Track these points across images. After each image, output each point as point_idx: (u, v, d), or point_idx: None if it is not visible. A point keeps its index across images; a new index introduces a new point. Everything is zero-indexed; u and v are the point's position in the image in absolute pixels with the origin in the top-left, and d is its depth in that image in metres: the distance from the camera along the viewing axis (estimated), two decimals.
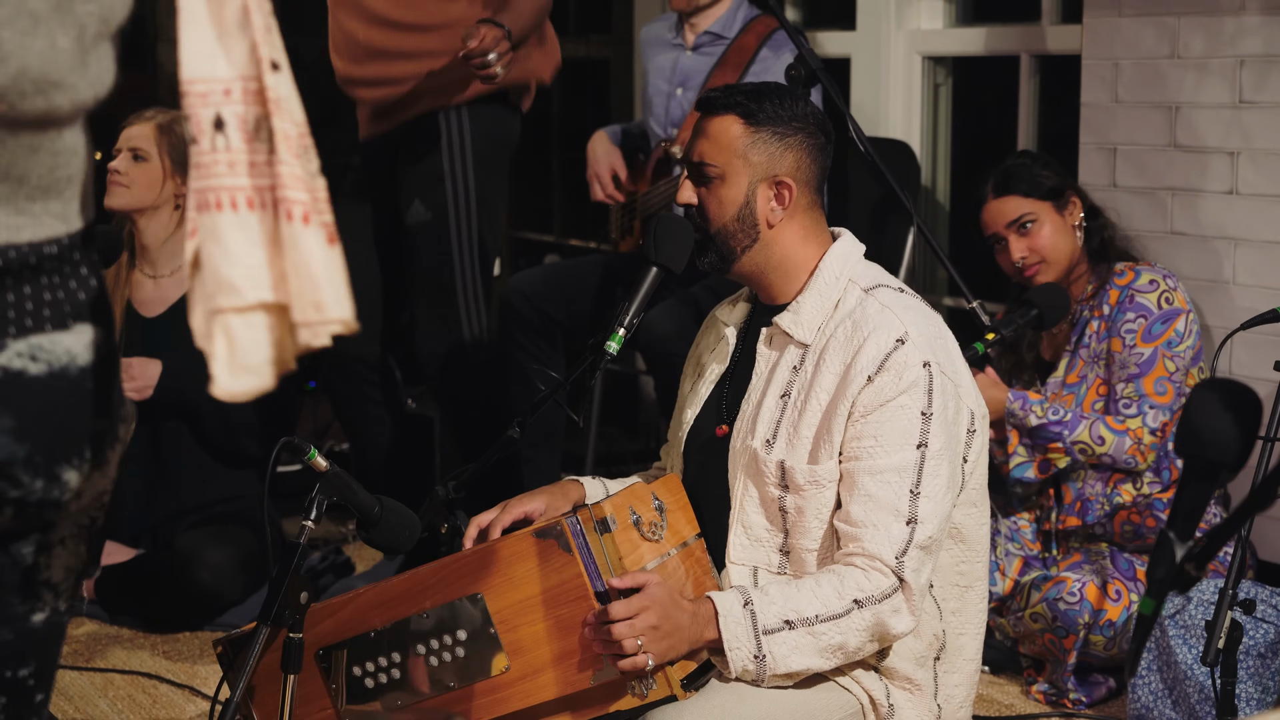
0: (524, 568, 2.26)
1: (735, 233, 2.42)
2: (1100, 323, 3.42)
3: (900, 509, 2.27)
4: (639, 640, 2.18)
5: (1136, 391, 3.34)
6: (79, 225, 1.41)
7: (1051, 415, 3.37)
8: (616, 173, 4.31)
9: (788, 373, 2.40)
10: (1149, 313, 3.36)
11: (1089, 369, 3.44)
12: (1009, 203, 3.46)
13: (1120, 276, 3.42)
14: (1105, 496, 3.41)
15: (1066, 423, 3.36)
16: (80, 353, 1.40)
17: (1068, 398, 3.45)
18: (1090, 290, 3.46)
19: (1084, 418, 3.37)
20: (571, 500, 2.57)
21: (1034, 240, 3.45)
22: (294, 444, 2.32)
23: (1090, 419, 3.36)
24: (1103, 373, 3.42)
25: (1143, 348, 3.34)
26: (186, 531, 3.89)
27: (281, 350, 1.37)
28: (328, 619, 2.41)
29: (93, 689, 3.47)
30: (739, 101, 2.41)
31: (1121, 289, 3.40)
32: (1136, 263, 3.45)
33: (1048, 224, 3.45)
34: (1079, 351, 3.46)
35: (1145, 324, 3.35)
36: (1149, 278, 3.39)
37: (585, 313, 4.25)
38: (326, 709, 2.43)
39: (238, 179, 1.35)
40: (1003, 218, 3.47)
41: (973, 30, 4.57)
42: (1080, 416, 3.37)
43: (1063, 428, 3.36)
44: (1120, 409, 3.36)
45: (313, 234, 1.35)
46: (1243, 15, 3.63)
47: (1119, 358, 3.37)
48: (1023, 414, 3.38)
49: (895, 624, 2.28)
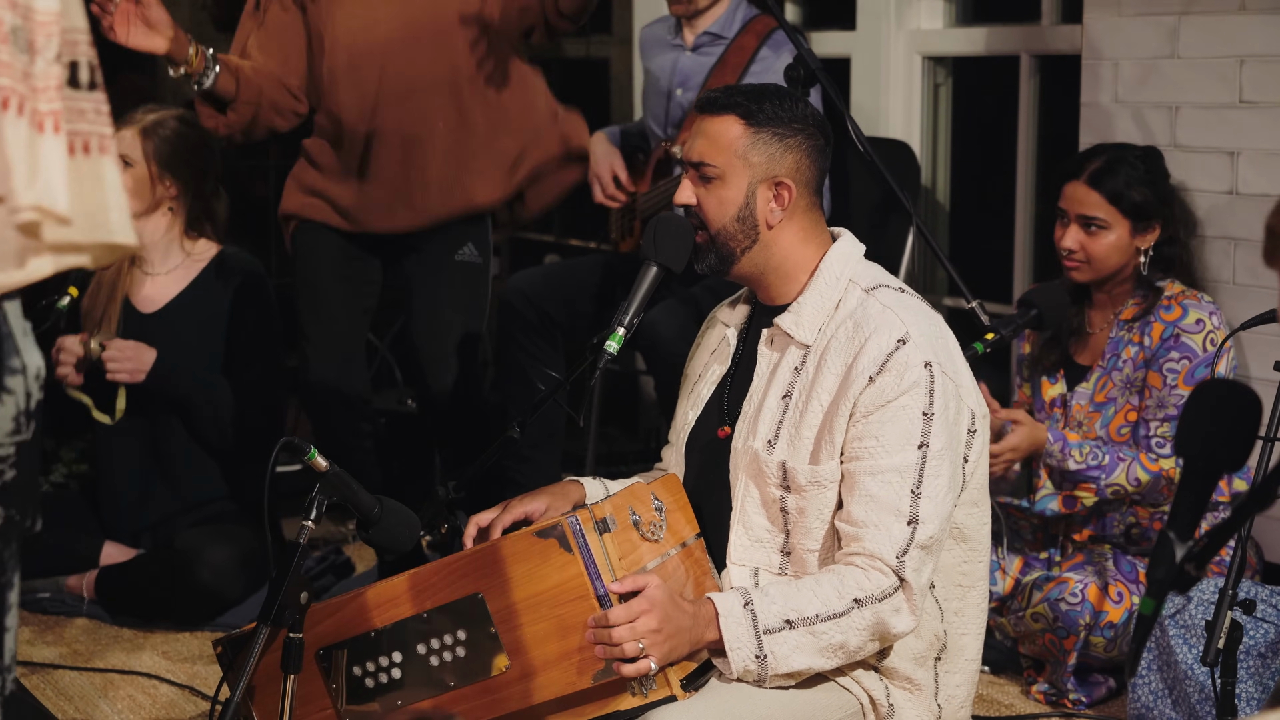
0: (524, 568, 2.26)
1: (735, 234, 2.42)
2: (1140, 351, 3.36)
3: (901, 509, 2.27)
4: (640, 643, 2.18)
5: (1172, 432, 3.30)
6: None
7: (1090, 461, 3.30)
8: (616, 173, 4.31)
9: (789, 373, 2.40)
10: (1194, 355, 3.29)
11: (1119, 393, 3.39)
12: (1091, 197, 3.36)
13: (1167, 311, 3.33)
14: (1121, 516, 3.41)
15: (1104, 467, 3.29)
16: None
17: (1093, 416, 3.41)
18: (1134, 310, 3.39)
19: (1121, 459, 3.29)
20: (572, 501, 2.57)
21: (1092, 243, 3.37)
22: (294, 444, 2.32)
23: (1127, 461, 3.29)
24: (1134, 400, 3.36)
25: (1184, 390, 3.28)
26: (187, 531, 3.89)
27: (19, 243, 1.39)
28: (328, 619, 2.42)
29: (93, 689, 3.47)
30: (739, 102, 2.41)
31: (1168, 324, 3.32)
32: (1184, 292, 3.36)
33: (1113, 237, 3.36)
34: (1111, 373, 3.40)
35: (1189, 366, 3.29)
36: (1196, 316, 3.31)
37: (585, 313, 4.25)
38: (326, 709, 2.43)
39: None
40: (1078, 205, 3.37)
41: (973, 30, 4.57)
42: (1118, 459, 3.29)
43: (1100, 472, 3.30)
44: (1154, 447, 3.31)
45: (11, 120, 1.36)
46: (1243, 15, 3.63)
47: (1157, 395, 3.31)
48: (1061, 457, 3.31)
49: (896, 623, 2.28)
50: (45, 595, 3.93)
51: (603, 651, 2.20)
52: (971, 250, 4.77)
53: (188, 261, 3.97)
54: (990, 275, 4.50)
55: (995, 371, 3.67)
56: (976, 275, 3.66)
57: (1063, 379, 3.50)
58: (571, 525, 2.23)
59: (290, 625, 2.29)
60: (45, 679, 3.51)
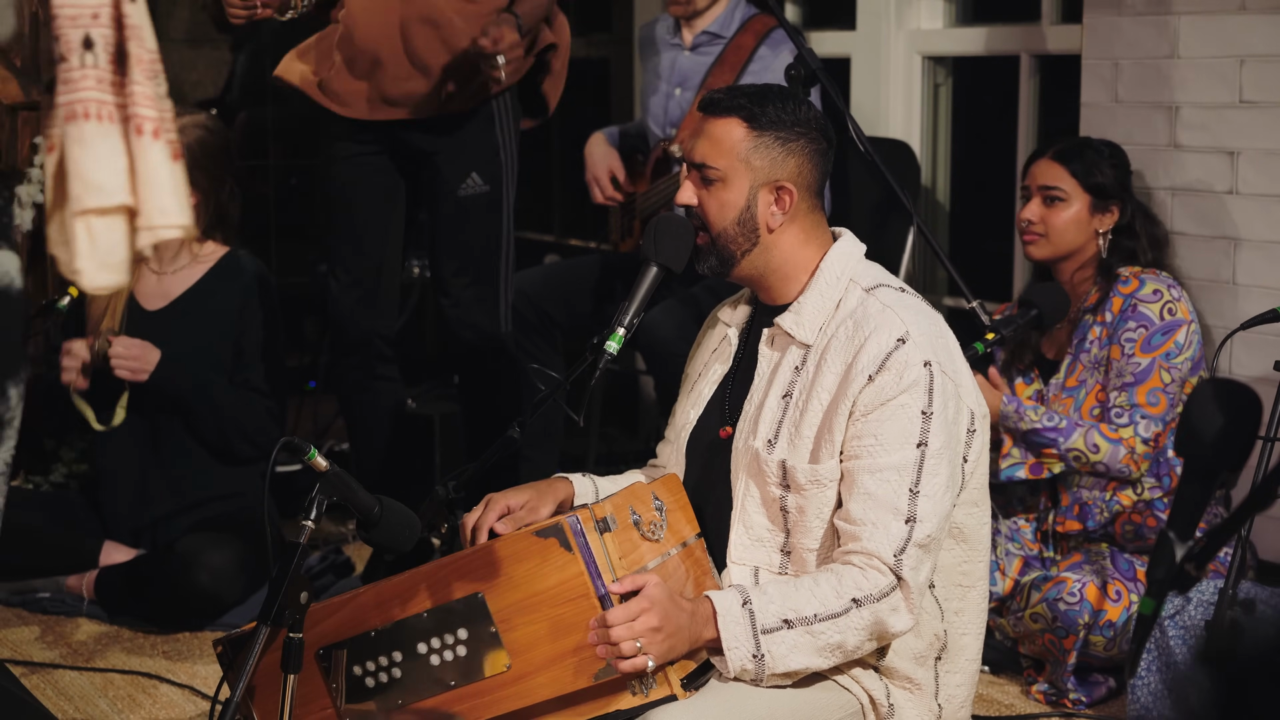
0: (525, 567, 2.26)
1: (735, 236, 2.42)
2: (1103, 329, 3.41)
3: (899, 507, 2.27)
4: (639, 642, 2.18)
5: (1129, 401, 3.33)
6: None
7: (1046, 421, 3.36)
8: (615, 174, 4.31)
9: (789, 373, 2.40)
10: (1150, 323, 3.34)
11: (1089, 374, 3.43)
12: (1053, 169, 3.46)
13: (1125, 284, 3.40)
14: (1104, 502, 3.41)
15: (1061, 429, 3.35)
16: (15, 275, 1.50)
17: (1066, 401, 3.44)
18: (1095, 298, 3.45)
19: (1079, 425, 3.35)
20: (557, 497, 2.57)
21: (1050, 215, 3.45)
22: (294, 444, 2.32)
23: (1085, 426, 3.35)
24: (1102, 379, 3.41)
25: (1140, 358, 3.34)
26: (187, 531, 3.89)
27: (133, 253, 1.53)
28: (328, 618, 2.41)
29: (93, 689, 3.47)
30: (742, 104, 2.40)
31: (1125, 297, 3.38)
32: (1142, 270, 3.44)
33: (1071, 211, 3.45)
34: (1080, 356, 3.45)
35: (1146, 334, 3.34)
36: (1153, 287, 3.37)
37: (585, 313, 4.25)
38: (327, 708, 2.43)
39: (104, 94, 1.50)
40: (1041, 177, 3.48)
41: (973, 30, 4.57)
42: (1075, 424, 3.36)
43: (1057, 434, 3.35)
44: (1113, 417, 3.35)
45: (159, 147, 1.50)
46: (1243, 15, 3.63)
47: (1116, 365, 3.37)
48: (1017, 417, 3.37)
49: (894, 622, 2.28)
50: (45, 595, 3.93)
51: (604, 651, 2.20)
52: (971, 250, 4.77)
53: (195, 261, 3.97)
54: (990, 275, 4.50)
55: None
56: (976, 275, 3.66)
57: (1037, 377, 3.53)
58: (572, 524, 2.23)
59: (290, 625, 2.29)
60: (45, 679, 3.51)
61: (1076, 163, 3.46)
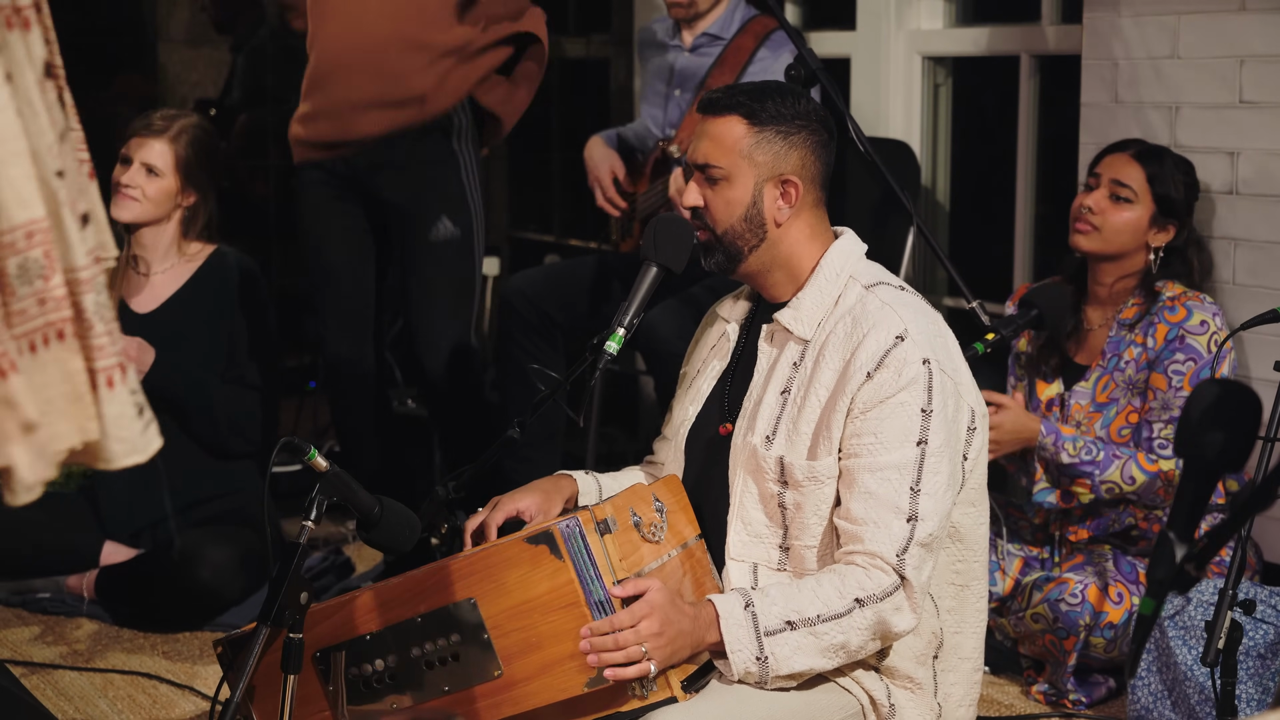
0: (516, 573, 2.26)
1: (743, 233, 2.41)
2: (1143, 352, 3.35)
3: (901, 506, 2.27)
4: (642, 647, 2.18)
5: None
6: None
7: (1084, 455, 3.30)
8: (616, 174, 4.31)
9: (788, 369, 2.40)
10: (1199, 357, 3.30)
11: (1121, 394, 3.38)
12: (1131, 167, 3.41)
13: (1172, 312, 3.34)
14: (1118, 515, 3.41)
15: (1098, 463, 3.29)
16: None
17: (1094, 415, 3.41)
18: (1134, 311, 3.40)
19: (1116, 457, 3.29)
20: (564, 495, 2.57)
21: (1111, 211, 3.39)
22: (294, 444, 2.32)
23: (1123, 459, 3.29)
24: (1136, 402, 3.36)
25: (1189, 391, 3.29)
26: (187, 531, 3.89)
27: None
28: (325, 620, 2.41)
29: (93, 689, 3.47)
30: (741, 102, 2.40)
31: (1172, 326, 3.32)
32: (1185, 293, 3.37)
33: (1133, 214, 3.39)
34: (1113, 373, 3.40)
35: (1194, 368, 3.29)
36: (1200, 318, 3.31)
37: (585, 313, 4.25)
38: (324, 710, 2.43)
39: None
40: (1116, 172, 3.41)
41: (973, 30, 4.57)
42: (1113, 456, 3.30)
43: (1094, 468, 3.30)
44: (1156, 449, 3.31)
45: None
46: (1243, 15, 3.63)
47: (1161, 396, 3.31)
48: (1054, 450, 3.31)
49: (897, 622, 2.28)
50: (45, 595, 3.93)
51: (596, 659, 2.20)
52: (971, 250, 4.77)
53: (182, 261, 3.97)
54: (990, 275, 4.50)
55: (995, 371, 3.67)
56: (976, 275, 3.66)
57: (1060, 379, 3.50)
58: (563, 531, 2.22)
59: (290, 625, 2.28)
60: (45, 679, 3.51)
61: (1154, 167, 3.40)
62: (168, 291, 3.95)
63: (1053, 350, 3.50)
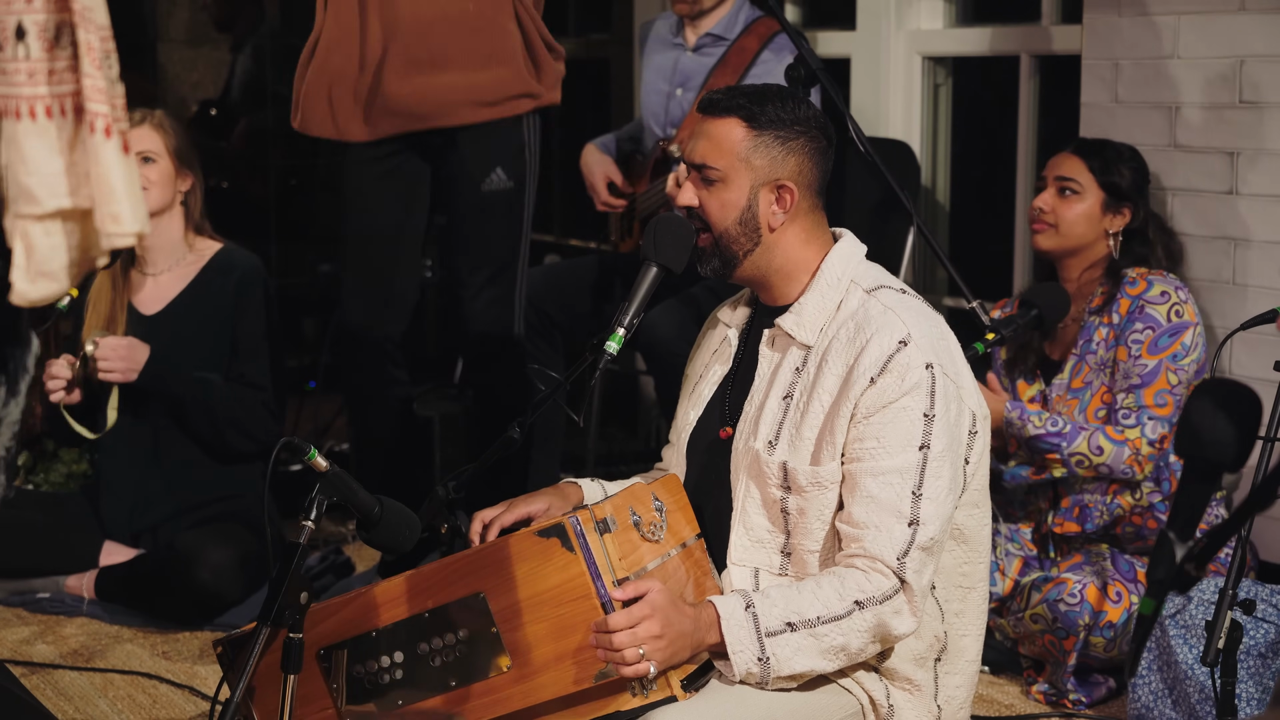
0: (526, 567, 2.26)
1: (737, 236, 2.41)
2: (1109, 330, 3.40)
3: (902, 510, 2.27)
4: (641, 649, 2.18)
5: (1137, 402, 3.33)
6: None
7: (1050, 426, 3.35)
8: (611, 179, 4.30)
9: (790, 374, 2.40)
10: (1157, 325, 3.34)
11: (1094, 376, 3.42)
12: (1071, 161, 3.49)
13: (1132, 285, 3.40)
14: (1105, 505, 3.41)
15: (1065, 434, 3.34)
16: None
17: (1071, 402, 3.43)
18: (1101, 299, 3.44)
19: (1083, 429, 3.34)
20: (571, 502, 2.57)
21: (1062, 206, 3.46)
22: (294, 444, 2.32)
23: (1089, 430, 3.34)
24: (1108, 380, 3.40)
25: (1147, 359, 3.33)
26: (187, 531, 3.89)
27: (84, 253, 1.40)
28: (329, 619, 2.41)
29: (93, 689, 3.47)
30: (741, 104, 2.40)
31: (1133, 299, 3.38)
32: (1149, 270, 3.43)
33: (1084, 205, 3.46)
34: (1085, 357, 3.44)
35: (1153, 335, 3.33)
36: (1160, 289, 3.37)
37: (585, 313, 4.25)
38: (328, 709, 2.43)
39: (36, 88, 1.37)
40: (1060, 169, 3.50)
41: (973, 30, 4.57)
42: (1079, 428, 3.35)
43: (1060, 439, 3.34)
44: (1119, 419, 3.35)
45: (112, 147, 1.37)
46: (1243, 15, 3.63)
47: (1123, 367, 3.36)
48: (1020, 423, 3.37)
49: (897, 625, 2.28)
50: (45, 595, 3.93)
51: (605, 655, 2.20)
52: (971, 250, 4.77)
53: (188, 259, 3.97)
54: (990, 275, 4.50)
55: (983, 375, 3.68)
56: (976, 275, 3.66)
57: (1039, 378, 3.53)
58: (573, 525, 2.23)
59: (290, 625, 2.29)
60: (45, 679, 3.51)
61: (1095, 159, 3.48)
62: (173, 291, 3.95)
63: (1028, 352, 3.54)
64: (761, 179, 2.40)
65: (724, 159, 2.40)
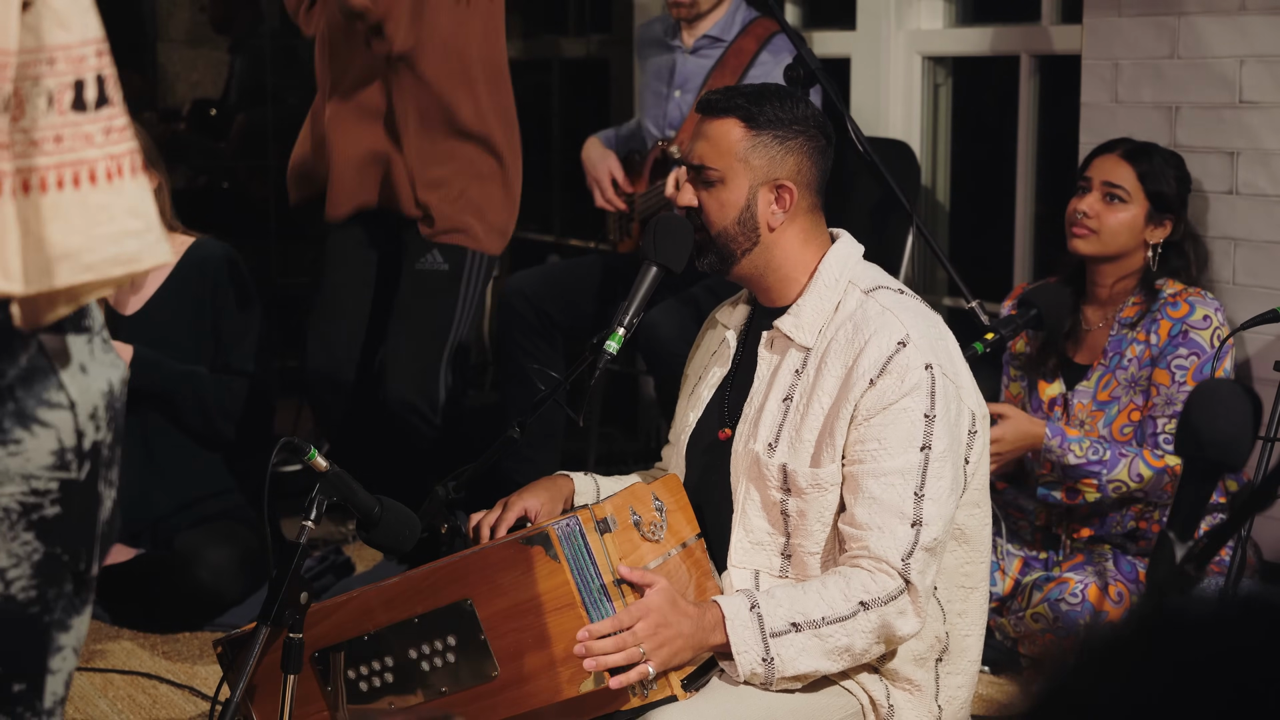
0: (511, 575, 2.25)
1: (736, 236, 2.41)
2: (1146, 349, 3.35)
3: (905, 511, 2.27)
4: (641, 649, 2.18)
5: None
6: None
7: (1091, 455, 3.29)
8: (614, 175, 4.30)
9: (789, 376, 2.40)
10: (1202, 350, 3.29)
11: (1124, 392, 3.37)
12: (1122, 168, 3.40)
13: (1174, 308, 3.33)
14: (1121, 516, 3.40)
15: (1105, 462, 3.28)
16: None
17: (1096, 414, 3.40)
18: (1135, 310, 3.40)
19: (1123, 455, 3.28)
20: (563, 495, 2.57)
21: (1107, 213, 3.38)
22: (294, 444, 2.32)
23: (1129, 457, 3.28)
24: (1138, 400, 3.35)
25: (1192, 386, 3.27)
26: (186, 531, 3.88)
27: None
28: (323, 621, 2.41)
29: (93, 689, 3.47)
30: (740, 104, 2.40)
31: (1175, 321, 3.32)
32: (1186, 289, 3.37)
33: (1129, 214, 3.39)
34: (1115, 371, 3.39)
35: (1198, 362, 3.28)
36: (1203, 312, 3.31)
37: (585, 313, 4.25)
38: (324, 710, 2.42)
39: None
40: (1106, 174, 3.41)
41: (973, 30, 4.57)
42: (1119, 455, 3.28)
43: (1101, 468, 3.28)
44: (1161, 444, 3.30)
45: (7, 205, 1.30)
46: (1243, 15, 3.63)
47: (1165, 392, 3.30)
48: (1060, 452, 3.30)
49: (901, 626, 2.28)
50: None
51: (593, 664, 2.19)
52: (971, 250, 4.77)
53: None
54: (990, 275, 4.50)
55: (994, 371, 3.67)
56: (976, 275, 3.66)
57: (1061, 379, 3.50)
58: (559, 532, 2.22)
59: (290, 625, 2.28)
60: None
61: (1145, 165, 3.40)
62: (151, 289, 3.92)
63: (1051, 350, 3.50)
64: (760, 179, 2.40)
65: (722, 159, 2.40)
